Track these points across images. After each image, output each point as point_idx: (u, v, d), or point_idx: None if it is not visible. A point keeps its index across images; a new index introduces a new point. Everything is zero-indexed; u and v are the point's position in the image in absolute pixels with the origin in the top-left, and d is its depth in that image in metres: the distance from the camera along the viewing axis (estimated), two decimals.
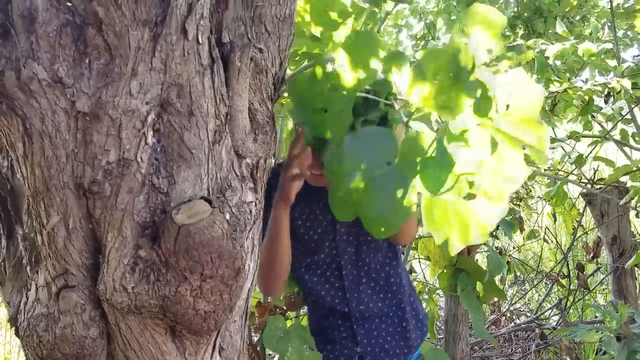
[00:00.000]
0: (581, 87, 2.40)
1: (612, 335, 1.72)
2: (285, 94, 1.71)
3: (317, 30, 1.74)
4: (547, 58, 2.55)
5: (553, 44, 2.58)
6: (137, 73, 0.84)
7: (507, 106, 0.93)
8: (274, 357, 2.85)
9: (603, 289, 3.74)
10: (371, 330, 1.53)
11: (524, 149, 1.01)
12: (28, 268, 0.96)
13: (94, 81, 0.82)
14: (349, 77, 1.01)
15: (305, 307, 1.92)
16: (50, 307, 0.90)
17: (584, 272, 2.70)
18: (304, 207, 1.49)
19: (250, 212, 1.04)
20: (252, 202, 1.05)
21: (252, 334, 2.12)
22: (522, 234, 3.17)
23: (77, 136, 0.83)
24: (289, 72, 1.68)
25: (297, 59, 1.79)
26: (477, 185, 0.97)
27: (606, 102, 2.82)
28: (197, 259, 0.84)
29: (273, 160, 1.17)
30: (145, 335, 0.88)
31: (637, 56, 3.17)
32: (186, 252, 0.83)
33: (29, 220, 0.93)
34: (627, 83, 2.21)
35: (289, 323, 1.65)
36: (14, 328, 1.01)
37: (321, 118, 1.06)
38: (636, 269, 2.81)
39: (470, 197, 0.98)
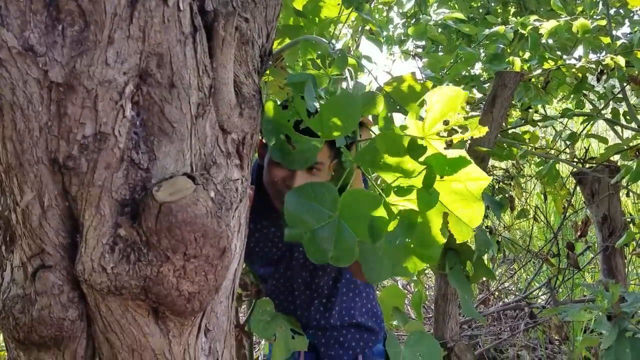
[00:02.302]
0: (574, 65, 2.37)
1: (603, 314, 1.71)
2: (268, 72, 1.68)
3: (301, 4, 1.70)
4: (541, 35, 2.51)
5: (546, 20, 2.54)
6: (114, 41, 0.79)
7: (441, 177, 1.06)
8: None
9: (591, 268, 3.76)
10: (326, 337, 1.55)
11: None
12: (3, 248, 0.92)
13: (67, 49, 0.77)
14: (329, 132, 1.07)
15: None
16: (27, 288, 0.86)
17: (574, 252, 2.70)
18: (260, 236, 1.48)
19: (237, 190, 1.00)
20: (238, 179, 1.01)
21: (240, 315, 2.10)
22: (512, 213, 3.16)
23: (50, 108, 0.78)
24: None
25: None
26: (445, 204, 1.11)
27: (598, 80, 2.80)
28: (180, 238, 0.80)
29: (259, 137, 1.13)
30: (127, 317, 0.85)
31: (629, 34, 3.14)
32: (168, 231, 0.80)
33: (2, 197, 0.88)
34: (621, 60, 2.18)
35: None
36: None
37: (289, 149, 1.20)
38: (625, 248, 2.81)
39: None
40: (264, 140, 1.38)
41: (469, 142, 2.06)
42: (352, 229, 1.05)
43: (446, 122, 1.09)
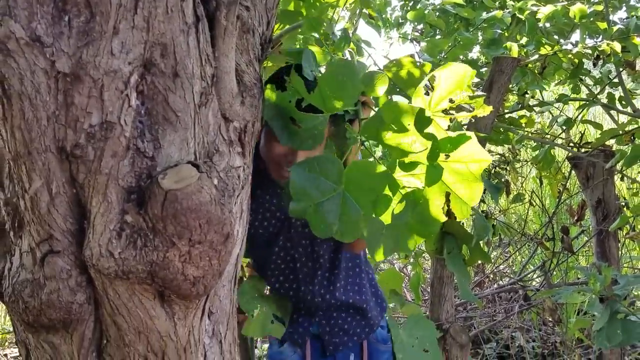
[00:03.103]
0: (571, 50, 2.38)
1: (596, 296, 1.75)
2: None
3: None
4: (538, 20, 2.52)
5: (544, 5, 2.54)
6: (119, 31, 0.81)
7: (447, 155, 1.08)
8: None
9: (585, 252, 3.81)
10: (329, 317, 1.53)
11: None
12: (11, 233, 0.94)
13: (74, 40, 0.79)
14: (330, 105, 1.07)
15: None
16: (35, 272, 0.89)
17: (569, 235, 2.74)
18: (259, 203, 1.46)
19: (239, 177, 1.03)
20: (240, 167, 1.03)
21: None
22: (507, 197, 3.19)
23: (57, 98, 0.80)
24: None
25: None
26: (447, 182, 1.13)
27: (595, 65, 2.81)
28: (185, 224, 0.82)
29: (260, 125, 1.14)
30: (134, 301, 0.87)
31: (626, 19, 3.14)
32: (174, 218, 0.82)
33: (10, 184, 0.90)
34: (617, 46, 2.20)
35: None
36: None
37: (295, 129, 1.17)
38: (619, 231, 2.85)
39: None
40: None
41: (471, 121, 2.07)
42: (357, 202, 1.05)
43: (452, 101, 1.10)
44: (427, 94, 1.10)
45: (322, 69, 1.45)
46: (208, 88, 0.94)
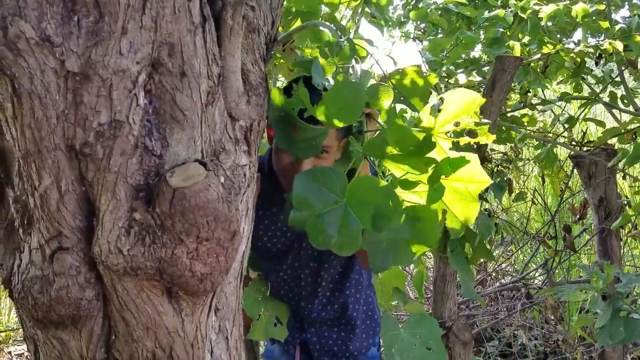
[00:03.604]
0: (573, 49, 2.39)
1: (598, 294, 1.75)
2: (278, 55, 1.70)
3: None
4: (540, 19, 2.52)
5: (546, 4, 2.55)
6: (127, 31, 0.82)
7: (445, 176, 1.09)
8: None
9: (587, 250, 3.81)
10: (321, 332, 1.56)
11: None
12: (20, 230, 0.95)
13: (83, 40, 0.80)
14: (332, 122, 1.09)
15: None
16: (45, 269, 0.90)
17: (571, 234, 2.75)
18: (269, 223, 1.48)
19: (244, 175, 1.04)
20: (246, 165, 1.04)
21: None
22: (510, 196, 3.20)
23: (67, 97, 0.81)
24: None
25: (289, 18, 1.76)
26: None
27: (597, 64, 2.82)
28: (193, 221, 0.84)
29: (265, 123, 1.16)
30: (142, 297, 0.88)
31: (628, 18, 3.15)
32: (182, 215, 0.83)
33: (20, 182, 0.91)
34: (619, 44, 2.20)
35: None
36: (7, 290, 1.01)
37: (294, 137, 1.21)
38: (621, 230, 2.86)
39: None
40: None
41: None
42: (358, 216, 1.05)
43: (457, 124, 1.12)
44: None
45: (329, 79, 1.47)
46: (214, 87, 0.95)
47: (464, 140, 1.18)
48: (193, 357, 0.97)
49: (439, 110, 1.10)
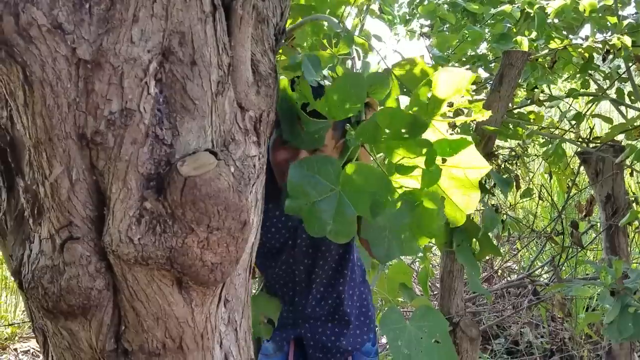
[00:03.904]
0: (581, 45, 2.38)
1: (606, 289, 1.75)
2: (280, 50, 1.69)
3: None
4: (547, 15, 2.51)
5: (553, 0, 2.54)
6: (139, 19, 0.82)
7: (444, 160, 1.09)
8: None
9: (594, 247, 3.80)
10: (315, 328, 1.56)
11: None
12: (30, 220, 0.95)
13: (94, 27, 0.80)
14: (334, 114, 1.08)
15: None
16: (55, 259, 0.90)
17: (578, 230, 2.74)
18: (264, 219, 1.46)
19: (254, 166, 1.03)
20: (255, 156, 1.04)
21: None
22: (517, 192, 3.19)
23: (78, 85, 0.80)
24: None
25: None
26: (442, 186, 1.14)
27: (604, 60, 2.81)
28: (204, 210, 0.83)
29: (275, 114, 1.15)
30: (152, 287, 0.88)
31: (635, 14, 3.13)
32: (193, 204, 0.83)
33: (30, 171, 0.91)
34: (627, 40, 2.19)
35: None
36: (17, 282, 1.01)
37: (298, 130, 1.22)
38: (629, 226, 2.85)
39: None
40: None
41: (474, 123, 2.08)
42: (352, 203, 1.06)
43: (450, 104, 1.11)
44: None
45: (325, 72, 1.47)
46: (224, 77, 0.95)
47: (461, 119, 1.17)
48: (203, 347, 0.97)
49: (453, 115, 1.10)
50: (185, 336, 0.94)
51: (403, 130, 1.06)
